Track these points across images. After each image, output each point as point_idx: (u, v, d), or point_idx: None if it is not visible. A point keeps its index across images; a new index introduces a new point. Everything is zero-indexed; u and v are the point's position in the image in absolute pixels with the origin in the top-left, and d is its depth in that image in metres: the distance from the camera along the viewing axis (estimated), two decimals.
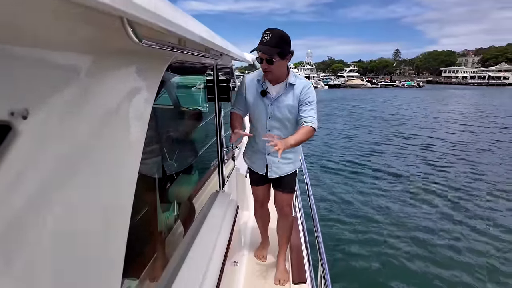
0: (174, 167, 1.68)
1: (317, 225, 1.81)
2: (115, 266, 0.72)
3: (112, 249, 0.71)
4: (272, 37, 1.91)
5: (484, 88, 71.53)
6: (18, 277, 0.45)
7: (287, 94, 2.09)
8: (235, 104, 2.20)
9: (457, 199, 6.61)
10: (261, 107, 2.13)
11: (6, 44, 0.42)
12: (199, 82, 2.04)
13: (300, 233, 2.75)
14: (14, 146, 0.43)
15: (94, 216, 0.64)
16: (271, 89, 2.11)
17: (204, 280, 1.34)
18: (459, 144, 11.83)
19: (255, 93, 2.13)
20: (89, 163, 0.61)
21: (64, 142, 0.53)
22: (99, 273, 0.67)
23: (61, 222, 0.53)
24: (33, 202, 0.47)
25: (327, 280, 1.39)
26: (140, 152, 0.82)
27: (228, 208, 2.01)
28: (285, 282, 2.35)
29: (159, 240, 1.39)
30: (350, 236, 5.03)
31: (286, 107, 2.09)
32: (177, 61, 1.23)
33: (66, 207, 0.54)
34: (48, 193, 0.50)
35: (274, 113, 2.11)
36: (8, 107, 0.42)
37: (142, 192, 1.28)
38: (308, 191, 2.36)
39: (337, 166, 8.93)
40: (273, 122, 2.14)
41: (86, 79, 0.59)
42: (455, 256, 4.54)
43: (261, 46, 1.92)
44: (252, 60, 2.98)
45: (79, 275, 0.60)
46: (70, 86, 0.55)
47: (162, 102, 1.75)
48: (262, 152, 2.24)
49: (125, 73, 0.76)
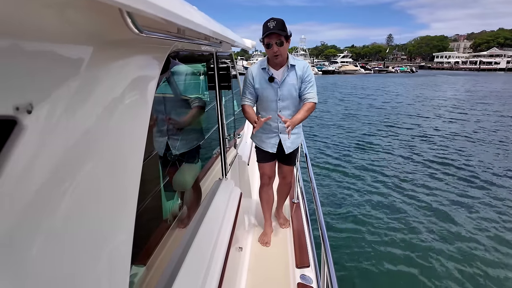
0: (177, 155, 1.68)
1: (319, 210, 1.84)
2: (123, 252, 0.73)
3: (120, 238, 0.72)
4: (277, 24, 2.18)
5: (475, 73, 71.01)
6: (29, 259, 0.46)
7: (290, 75, 2.36)
8: (244, 96, 2.44)
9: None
10: (271, 92, 2.38)
11: (7, 38, 0.42)
12: (199, 70, 2.02)
13: (303, 218, 2.81)
14: (20, 140, 0.43)
15: (101, 207, 0.64)
16: (276, 74, 2.36)
17: (209, 266, 1.37)
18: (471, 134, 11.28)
19: (263, 81, 2.38)
20: (94, 154, 0.61)
21: (68, 135, 0.54)
22: (108, 259, 0.68)
23: (67, 214, 0.53)
24: (40, 195, 0.47)
25: (330, 263, 1.42)
26: (144, 141, 0.82)
27: (231, 196, 2.03)
28: (286, 226, 2.91)
29: (164, 228, 1.40)
30: (351, 223, 5.07)
31: (292, 86, 2.37)
32: (177, 50, 1.22)
33: (72, 199, 0.54)
34: (55, 185, 0.50)
35: (283, 94, 2.38)
36: (13, 102, 0.42)
37: (146, 180, 1.30)
38: (310, 173, 2.38)
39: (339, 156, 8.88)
40: (283, 103, 2.41)
41: (88, 71, 0.59)
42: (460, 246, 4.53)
43: (274, 30, 2.17)
44: (252, 46, 2.96)
45: (89, 261, 0.61)
46: (72, 78, 0.55)
47: (163, 91, 1.74)
48: (275, 132, 2.51)
49: (126, 64, 0.75)
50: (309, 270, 2.23)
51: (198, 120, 1.99)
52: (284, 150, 2.53)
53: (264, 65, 2.37)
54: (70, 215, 0.54)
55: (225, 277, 1.43)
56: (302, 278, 2.14)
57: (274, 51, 2.25)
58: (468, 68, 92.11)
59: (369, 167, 7.70)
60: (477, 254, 4.31)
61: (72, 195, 0.54)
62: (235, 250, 1.96)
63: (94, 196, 0.61)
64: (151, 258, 1.19)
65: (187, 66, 1.92)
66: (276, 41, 2.21)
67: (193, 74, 2.00)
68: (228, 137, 2.25)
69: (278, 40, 2.21)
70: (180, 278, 1.18)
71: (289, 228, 2.87)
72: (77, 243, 0.57)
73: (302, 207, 2.95)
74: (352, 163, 8.00)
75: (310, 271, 2.22)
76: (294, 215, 2.95)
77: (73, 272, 0.57)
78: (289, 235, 2.73)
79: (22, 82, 0.44)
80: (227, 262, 1.50)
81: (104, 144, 0.65)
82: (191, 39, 1.28)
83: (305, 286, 2.06)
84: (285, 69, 2.35)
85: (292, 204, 3.17)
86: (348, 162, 8.16)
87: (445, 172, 7.37)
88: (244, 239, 2.58)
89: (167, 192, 1.49)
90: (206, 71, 1.98)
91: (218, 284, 1.34)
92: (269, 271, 2.35)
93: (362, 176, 7.06)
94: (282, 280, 2.22)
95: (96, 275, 0.64)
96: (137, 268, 1.10)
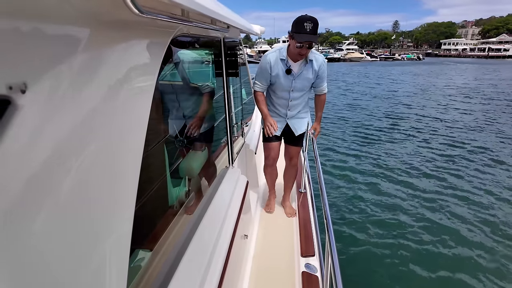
0: (184, 143, 1.68)
1: (325, 198, 1.83)
2: (123, 233, 0.72)
3: (120, 219, 0.71)
4: (313, 27, 2.20)
5: (483, 61, 68.80)
6: (27, 245, 0.45)
7: (307, 69, 2.46)
8: (259, 82, 2.52)
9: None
10: (286, 83, 2.48)
11: (2, 16, 0.41)
12: (207, 56, 1.98)
13: (309, 207, 2.82)
14: (14, 120, 0.42)
15: (99, 189, 0.63)
16: (294, 67, 2.45)
17: (213, 253, 1.38)
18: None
19: (280, 72, 2.45)
20: (92, 139, 0.60)
21: (64, 116, 0.52)
22: (108, 241, 0.67)
23: (64, 195, 0.52)
24: (36, 176, 0.46)
25: (334, 253, 1.41)
26: (144, 130, 0.80)
27: (237, 184, 2.03)
28: (292, 215, 2.92)
29: (170, 215, 1.41)
30: (356, 213, 5.05)
31: (307, 80, 2.51)
32: (182, 34, 1.19)
33: (68, 184, 0.53)
34: (50, 166, 0.49)
35: (296, 86, 2.50)
36: (6, 81, 0.41)
37: (153, 167, 1.29)
38: (317, 162, 2.36)
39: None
40: (295, 94, 2.56)
41: (84, 52, 0.57)
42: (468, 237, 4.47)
43: (310, 35, 2.21)
44: (261, 32, 2.91)
45: (88, 245, 0.60)
46: (68, 59, 0.53)
47: (170, 78, 1.72)
48: (283, 117, 2.68)
49: (125, 47, 0.72)
50: (314, 259, 2.23)
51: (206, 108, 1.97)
52: (293, 133, 2.71)
53: (283, 56, 2.41)
54: (66, 202, 0.52)
55: (229, 264, 1.44)
56: (307, 267, 2.15)
57: (302, 53, 2.32)
58: (476, 55, 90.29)
59: (379, 159, 7.55)
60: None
61: (69, 180, 0.53)
62: (241, 237, 1.96)
63: (92, 182, 0.59)
64: (157, 243, 1.20)
65: (193, 52, 1.89)
66: (307, 44, 2.26)
67: (200, 61, 1.97)
68: (236, 126, 2.23)
69: (310, 43, 2.26)
70: (184, 264, 1.19)
71: (295, 217, 2.88)
72: (76, 225, 0.56)
73: (309, 197, 2.95)
74: (364, 156, 7.85)
75: (315, 260, 2.23)
76: (301, 204, 2.96)
77: (72, 257, 0.56)
78: (295, 224, 2.74)
79: (16, 62, 0.43)
80: (231, 249, 1.51)
81: (102, 130, 0.63)
82: (197, 22, 1.24)
83: (310, 275, 2.07)
84: (303, 63, 2.43)
85: (300, 194, 3.18)
86: (360, 152, 8.02)
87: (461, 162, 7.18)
88: (250, 227, 2.59)
89: (173, 179, 1.49)
90: (213, 57, 1.94)
91: (222, 270, 1.35)
92: (274, 259, 2.35)
93: (372, 169, 6.92)
94: (287, 269, 2.23)
95: (93, 270, 0.63)
96: (143, 252, 1.12)
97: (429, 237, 4.39)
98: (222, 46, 1.92)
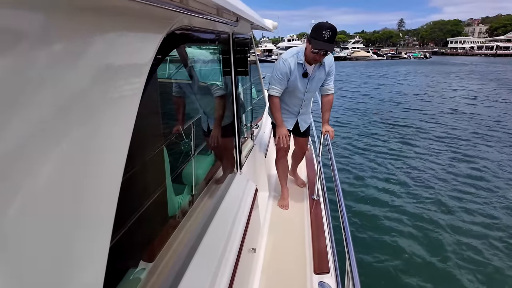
0: (189, 146, 1.55)
1: (343, 208, 1.64)
2: (102, 232, 0.63)
3: (99, 219, 0.62)
4: (331, 35, 2.26)
5: (492, 59, 67.52)
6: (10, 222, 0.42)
7: (320, 71, 2.62)
8: (277, 86, 2.58)
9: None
10: (302, 85, 2.62)
11: None
12: (214, 53, 1.82)
13: (323, 218, 2.60)
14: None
15: (75, 188, 0.55)
16: (309, 69, 2.58)
17: (218, 268, 1.25)
18: None
19: (298, 75, 2.56)
20: (66, 137, 0.52)
21: (39, 112, 0.46)
22: (88, 229, 0.59)
23: (36, 194, 0.46)
24: (3, 175, 0.41)
25: (354, 271, 1.22)
26: (129, 136, 0.68)
27: (245, 192, 1.88)
28: (304, 186, 3.31)
29: (172, 226, 1.28)
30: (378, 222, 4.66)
31: (320, 81, 2.69)
32: (182, 27, 1.04)
33: (41, 181, 0.47)
34: (17, 166, 0.43)
35: (311, 87, 2.68)
36: None
37: (155, 174, 1.17)
38: (332, 163, 2.15)
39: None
40: (308, 94, 2.75)
41: (54, 44, 0.48)
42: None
43: (328, 44, 2.28)
44: (274, 27, 2.77)
45: (63, 245, 0.54)
46: (46, 49, 0.46)
47: (177, 76, 1.57)
48: (295, 114, 2.89)
49: (112, 38, 0.62)
50: (329, 277, 2.02)
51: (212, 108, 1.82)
52: (299, 129, 2.97)
53: (301, 60, 2.51)
54: (37, 201, 0.47)
55: (235, 281, 1.30)
56: (321, 286, 1.95)
57: (317, 60, 2.44)
58: (484, 53, 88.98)
59: (398, 165, 7.07)
60: None
61: (41, 177, 0.47)
62: (248, 251, 1.80)
63: (67, 180, 0.53)
64: (157, 256, 1.09)
65: (199, 49, 1.73)
66: (324, 52, 2.35)
67: (207, 59, 1.81)
68: (245, 128, 2.07)
69: (326, 51, 2.34)
70: (186, 280, 1.06)
71: (307, 225, 2.66)
72: (57, 210, 0.51)
73: (322, 205, 2.75)
74: (380, 158, 7.47)
75: (329, 278, 2.01)
76: (313, 213, 2.74)
77: (39, 265, 0.49)
78: (307, 237, 2.51)
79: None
80: (237, 265, 1.37)
81: (84, 127, 0.56)
82: (200, 12, 1.09)
83: None
84: (317, 65, 2.57)
85: (312, 201, 2.97)
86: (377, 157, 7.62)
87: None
88: (259, 239, 2.40)
89: (176, 186, 1.36)
90: (221, 55, 1.78)
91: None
92: (284, 276, 2.14)
93: (391, 176, 6.43)
94: (298, 287, 2.04)
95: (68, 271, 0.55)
96: (143, 264, 1.02)
97: (465, 264, 3.81)
98: (231, 42, 1.76)
